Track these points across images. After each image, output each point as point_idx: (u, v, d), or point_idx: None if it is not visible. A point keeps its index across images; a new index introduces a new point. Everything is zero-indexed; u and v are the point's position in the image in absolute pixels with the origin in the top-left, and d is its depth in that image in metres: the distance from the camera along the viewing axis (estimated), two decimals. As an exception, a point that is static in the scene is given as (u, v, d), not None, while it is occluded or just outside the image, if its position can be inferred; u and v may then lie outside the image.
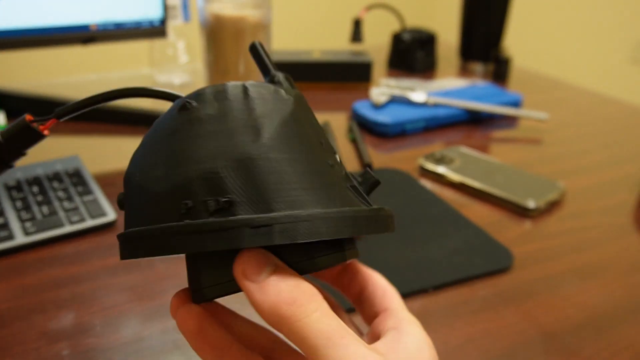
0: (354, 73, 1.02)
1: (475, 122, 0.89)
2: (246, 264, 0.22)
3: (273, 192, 0.22)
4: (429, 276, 0.51)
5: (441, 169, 0.69)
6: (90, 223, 0.55)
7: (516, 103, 0.93)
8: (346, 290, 0.31)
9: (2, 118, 0.77)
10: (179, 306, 0.25)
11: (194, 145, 0.23)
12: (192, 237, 0.21)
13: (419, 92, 0.87)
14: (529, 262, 0.54)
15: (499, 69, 1.10)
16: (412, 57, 1.12)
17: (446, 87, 0.97)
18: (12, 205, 0.55)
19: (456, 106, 0.87)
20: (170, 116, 0.25)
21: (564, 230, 0.60)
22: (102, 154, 0.72)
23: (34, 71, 2.62)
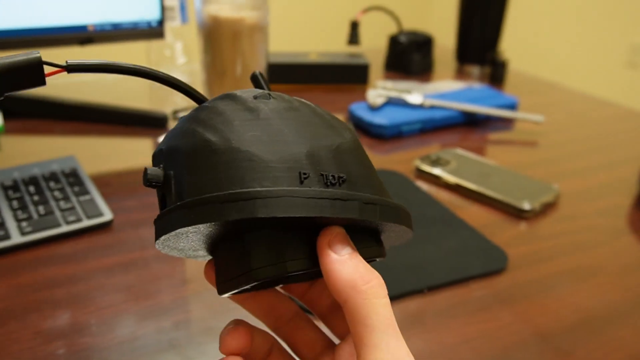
0: (351, 75, 1.02)
1: (471, 124, 0.89)
2: (334, 237, 0.24)
3: (364, 179, 0.25)
4: (425, 277, 0.51)
5: (437, 171, 0.69)
6: (86, 223, 0.55)
7: (512, 106, 0.93)
8: (314, 304, 0.31)
9: (0, 118, 0.77)
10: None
11: (294, 127, 0.25)
12: (319, 203, 0.23)
13: (416, 94, 0.87)
14: (524, 264, 0.55)
15: (496, 72, 1.10)
16: (409, 60, 1.13)
17: (442, 90, 0.98)
18: (9, 205, 0.56)
19: (452, 108, 0.87)
20: (242, 100, 0.25)
21: (559, 232, 0.61)
22: (99, 155, 0.72)
23: (31, 72, 2.62)
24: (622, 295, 0.51)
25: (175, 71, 0.99)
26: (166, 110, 0.86)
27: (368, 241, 0.26)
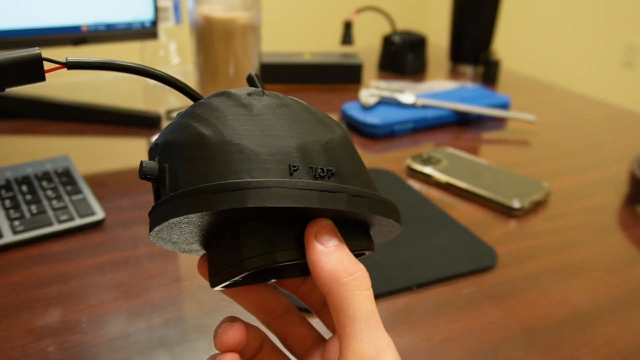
0: (345, 75, 1.03)
1: (463, 124, 0.90)
2: (321, 228, 0.25)
3: (353, 174, 0.26)
4: (414, 274, 0.51)
5: (428, 170, 0.70)
6: (78, 222, 0.56)
7: (504, 105, 0.94)
8: (307, 298, 0.32)
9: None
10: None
11: (285, 123, 0.25)
12: (307, 194, 0.23)
13: (408, 94, 0.88)
14: (513, 261, 0.55)
15: (489, 72, 1.11)
16: (403, 60, 1.13)
17: (435, 89, 0.98)
18: (1, 204, 0.56)
19: (444, 108, 0.88)
20: (236, 97, 0.26)
21: (548, 229, 0.61)
22: (92, 154, 0.73)
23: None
24: (610, 291, 0.52)
25: (169, 71, 1.00)
26: (160, 110, 0.86)
27: (357, 234, 0.27)
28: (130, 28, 0.81)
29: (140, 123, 0.81)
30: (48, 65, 0.27)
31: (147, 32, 0.83)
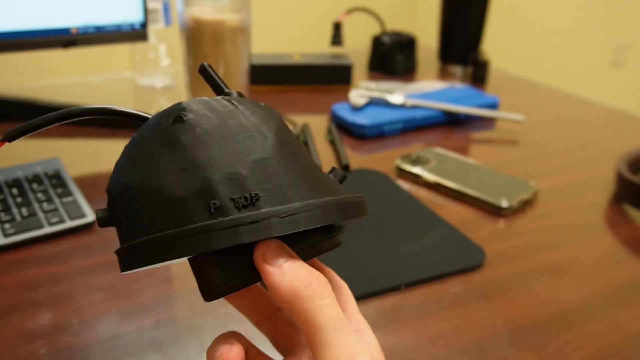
0: (335, 76, 1.03)
1: (452, 124, 0.91)
2: (267, 250, 0.25)
3: (288, 186, 0.25)
4: (403, 274, 0.52)
5: (417, 170, 0.71)
6: (69, 224, 0.56)
7: (493, 105, 0.95)
8: (252, 310, 0.32)
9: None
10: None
11: (206, 151, 0.25)
12: (232, 232, 0.23)
13: (397, 94, 0.88)
14: (501, 260, 0.56)
15: (478, 72, 1.12)
16: (392, 60, 1.14)
17: (425, 90, 0.99)
18: (-9, 207, 0.56)
19: (433, 108, 0.88)
20: (159, 127, 0.26)
21: (536, 228, 0.62)
22: (83, 157, 0.73)
23: (16, 75, 2.61)
24: (596, 289, 0.52)
25: (159, 73, 1.00)
26: (150, 112, 0.86)
27: (313, 238, 0.27)
28: (119, 30, 0.81)
29: (131, 124, 0.81)
30: None
31: (137, 34, 0.83)
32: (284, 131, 0.27)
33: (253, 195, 0.24)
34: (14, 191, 0.58)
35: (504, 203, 0.64)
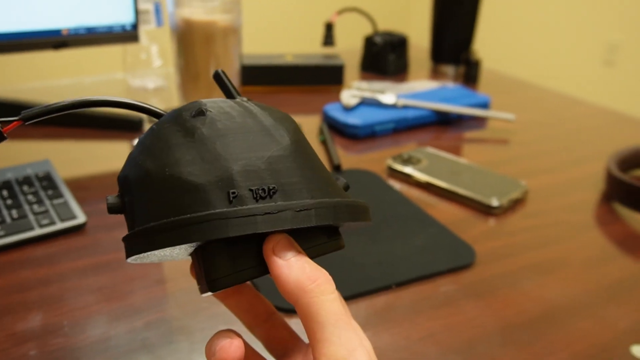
0: (326, 76, 1.03)
1: (444, 124, 0.91)
2: (277, 243, 0.25)
3: (302, 184, 0.26)
4: (393, 273, 0.52)
5: (408, 170, 0.71)
6: (60, 226, 0.56)
7: (485, 104, 0.95)
8: (246, 312, 0.32)
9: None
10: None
11: (227, 143, 0.26)
12: (249, 220, 0.24)
13: (389, 94, 0.89)
14: (491, 259, 0.56)
15: (470, 72, 1.12)
16: (384, 60, 1.14)
17: (417, 89, 0.99)
18: (-18, 209, 0.56)
19: (425, 108, 0.88)
20: (181, 120, 0.27)
21: (526, 227, 0.62)
22: (73, 159, 0.73)
23: (6, 76, 2.60)
24: (585, 287, 0.53)
25: (151, 74, 1.00)
26: (142, 114, 0.86)
27: (319, 238, 0.28)
28: (111, 31, 0.81)
29: (122, 126, 0.81)
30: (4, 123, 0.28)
31: (128, 35, 0.83)
32: (299, 133, 0.28)
33: (271, 187, 0.25)
34: (4, 193, 0.58)
35: (495, 202, 0.64)
